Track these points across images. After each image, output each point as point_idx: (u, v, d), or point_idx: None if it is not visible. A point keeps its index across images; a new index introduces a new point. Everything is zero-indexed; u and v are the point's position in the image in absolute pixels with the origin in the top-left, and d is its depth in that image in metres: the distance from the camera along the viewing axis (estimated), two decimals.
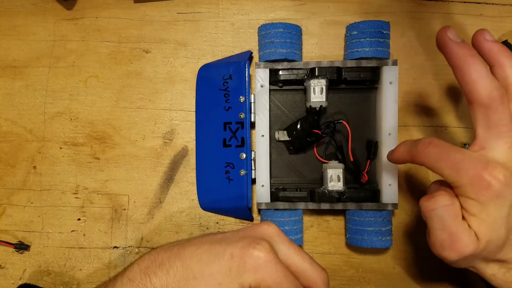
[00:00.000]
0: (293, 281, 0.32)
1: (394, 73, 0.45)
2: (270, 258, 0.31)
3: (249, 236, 0.33)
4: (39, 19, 0.51)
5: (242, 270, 0.31)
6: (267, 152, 0.46)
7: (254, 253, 0.31)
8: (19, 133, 0.51)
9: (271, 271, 0.31)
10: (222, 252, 0.32)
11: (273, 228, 0.34)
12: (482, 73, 0.32)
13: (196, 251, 0.33)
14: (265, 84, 0.46)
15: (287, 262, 0.33)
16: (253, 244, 0.32)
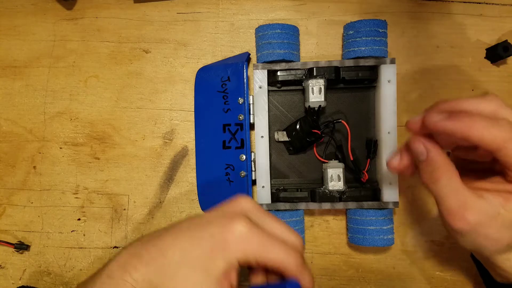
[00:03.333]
0: (277, 241, 0.32)
1: (392, 71, 0.45)
2: (250, 229, 0.31)
3: (226, 213, 0.32)
4: (39, 19, 0.52)
5: (225, 247, 0.31)
6: (267, 153, 0.46)
7: (234, 228, 0.31)
8: (19, 133, 0.51)
9: (254, 240, 0.31)
10: (201, 235, 0.32)
11: (248, 201, 0.34)
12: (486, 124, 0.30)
13: (175, 239, 0.32)
14: (263, 85, 0.46)
15: (267, 231, 0.33)
16: (231, 221, 0.31)
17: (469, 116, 0.30)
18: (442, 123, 0.30)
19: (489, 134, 0.29)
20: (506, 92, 0.49)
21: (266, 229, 0.32)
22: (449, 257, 0.48)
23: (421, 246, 0.48)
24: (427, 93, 0.49)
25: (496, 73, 0.49)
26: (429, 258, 0.48)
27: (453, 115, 0.30)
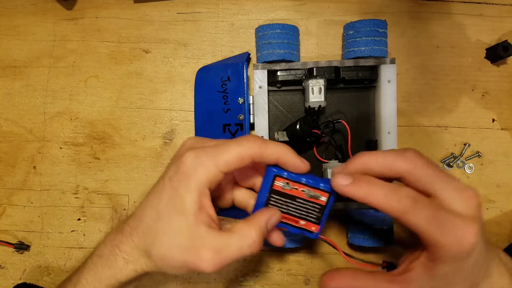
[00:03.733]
0: (227, 142, 0.33)
1: (392, 71, 0.45)
2: (196, 152, 0.32)
3: (175, 157, 0.34)
4: (39, 19, 0.52)
5: (184, 181, 0.32)
6: None
7: (183, 161, 0.32)
8: (19, 133, 0.51)
9: (204, 157, 0.32)
10: (162, 185, 0.33)
11: (191, 138, 0.35)
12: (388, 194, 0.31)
13: (146, 203, 0.34)
14: (263, 85, 0.46)
15: (215, 146, 0.34)
16: (179, 158, 0.33)
17: (368, 183, 0.31)
18: (345, 188, 0.32)
19: (387, 205, 0.31)
20: (506, 92, 0.49)
21: (212, 144, 0.34)
22: None
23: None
24: (427, 93, 0.49)
25: (496, 73, 0.49)
26: None
27: (355, 181, 0.32)
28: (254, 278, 0.49)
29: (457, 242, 0.30)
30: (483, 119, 0.49)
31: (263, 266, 0.49)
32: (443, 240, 0.30)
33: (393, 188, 0.31)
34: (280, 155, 0.33)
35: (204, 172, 0.32)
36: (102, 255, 0.35)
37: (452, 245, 0.30)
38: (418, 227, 0.31)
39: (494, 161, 0.49)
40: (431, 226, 0.30)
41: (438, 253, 0.31)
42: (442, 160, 0.49)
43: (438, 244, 0.30)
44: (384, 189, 0.31)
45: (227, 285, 0.49)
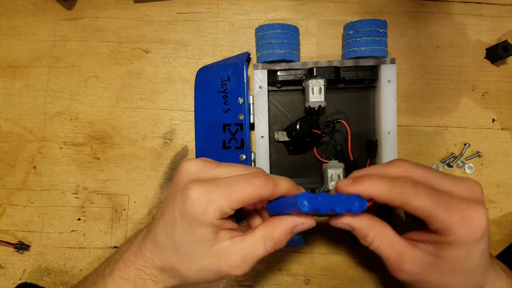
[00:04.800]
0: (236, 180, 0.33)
1: (392, 71, 0.45)
2: (204, 188, 0.32)
3: (178, 187, 0.34)
4: (39, 19, 0.52)
5: (196, 218, 0.32)
6: (267, 153, 0.46)
7: (189, 198, 0.32)
8: (19, 133, 0.51)
9: (214, 194, 0.32)
10: (173, 216, 0.33)
11: (192, 163, 0.35)
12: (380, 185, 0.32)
13: (162, 231, 0.35)
14: (263, 85, 0.46)
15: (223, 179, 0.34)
16: (183, 193, 0.32)
17: (369, 178, 0.33)
18: (348, 187, 0.33)
19: (389, 193, 0.32)
20: (506, 92, 0.49)
21: (221, 176, 0.34)
22: None
23: None
24: (427, 93, 0.49)
25: (496, 73, 0.49)
26: None
27: (356, 179, 0.33)
28: (254, 278, 0.49)
29: (466, 223, 0.30)
30: (483, 119, 0.49)
31: (263, 266, 0.49)
32: (451, 220, 0.30)
33: (392, 178, 0.33)
34: (288, 192, 0.34)
35: (215, 211, 0.32)
36: (128, 278, 0.36)
37: (460, 226, 0.30)
38: (424, 210, 0.31)
39: (494, 161, 0.49)
40: (436, 206, 0.31)
41: (446, 237, 0.31)
42: (442, 160, 0.49)
43: (446, 225, 0.31)
44: (384, 179, 0.32)
45: (227, 285, 0.49)
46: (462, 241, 0.31)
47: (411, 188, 0.31)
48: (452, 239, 0.31)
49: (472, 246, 0.31)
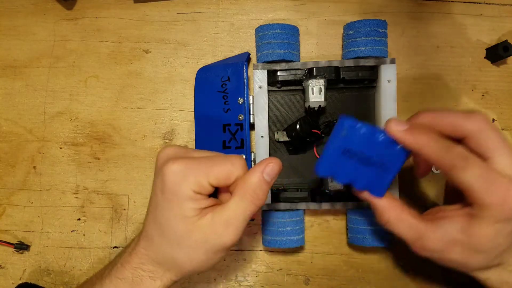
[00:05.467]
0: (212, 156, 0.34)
1: (392, 71, 0.45)
2: (180, 162, 0.33)
3: (157, 170, 0.35)
4: (39, 19, 0.52)
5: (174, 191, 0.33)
6: (267, 153, 0.46)
7: (167, 172, 0.33)
8: (19, 133, 0.51)
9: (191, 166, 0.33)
10: (155, 198, 0.34)
11: (170, 147, 0.36)
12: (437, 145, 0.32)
13: (149, 220, 0.35)
14: (263, 85, 0.46)
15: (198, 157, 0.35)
16: (161, 170, 0.33)
17: (425, 134, 0.32)
18: (401, 134, 0.33)
19: (439, 158, 0.32)
20: (506, 92, 0.49)
21: (203, 156, 0.35)
22: None
23: None
24: (427, 93, 0.49)
25: (496, 73, 0.49)
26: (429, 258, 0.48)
27: (412, 130, 0.33)
28: (254, 278, 0.49)
29: (503, 201, 0.31)
30: None
31: (263, 266, 0.49)
32: (489, 199, 0.31)
33: (447, 143, 0.32)
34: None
35: (193, 183, 0.33)
36: (125, 277, 0.35)
37: (498, 205, 0.31)
38: (466, 184, 0.32)
39: None
40: (479, 184, 0.31)
41: (481, 212, 0.32)
42: None
43: (484, 202, 0.31)
44: (440, 143, 0.32)
45: (227, 285, 0.49)
46: (494, 218, 0.32)
47: (463, 162, 0.31)
48: (485, 214, 0.32)
49: (502, 225, 0.32)
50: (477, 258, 0.34)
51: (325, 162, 0.35)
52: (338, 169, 0.35)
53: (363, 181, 0.35)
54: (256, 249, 0.49)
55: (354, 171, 0.35)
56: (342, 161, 0.35)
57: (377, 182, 0.35)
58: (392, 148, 0.33)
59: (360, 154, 0.34)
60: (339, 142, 0.34)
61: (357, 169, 0.35)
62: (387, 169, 0.34)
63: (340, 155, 0.34)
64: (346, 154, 0.34)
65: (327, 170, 0.35)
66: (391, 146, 0.33)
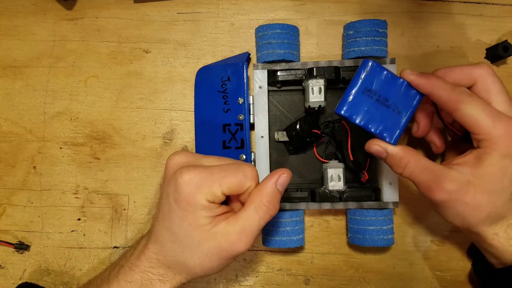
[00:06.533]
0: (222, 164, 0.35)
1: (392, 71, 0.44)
2: (193, 171, 0.34)
3: (172, 176, 0.35)
4: (39, 19, 0.52)
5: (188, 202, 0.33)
6: (267, 153, 0.46)
7: (184, 179, 0.33)
8: (19, 133, 0.51)
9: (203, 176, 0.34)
10: (169, 206, 0.35)
11: (180, 154, 0.36)
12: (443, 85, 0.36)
13: (160, 226, 0.36)
14: (263, 85, 0.46)
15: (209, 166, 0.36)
16: (177, 176, 0.34)
17: (433, 76, 0.36)
18: (413, 77, 0.37)
19: (446, 94, 0.35)
20: None
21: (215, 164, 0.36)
22: (449, 257, 0.48)
23: (421, 246, 0.48)
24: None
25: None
26: (429, 258, 0.48)
27: (424, 74, 0.36)
28: (254, 278, 0.49)
29: (509, 133, 0.34)
30: None
31: (263, 266, 0.49)
32: (495, 130, 0.34)
33: (454, 84, 0.36)
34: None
35: (207, 193, 0.33)
36: (134, 280, 0.36)
37: (502, 137, 0.34)
38: (472, 118, 0.34)
39: None
40: (484, 115, 0.34)
41: (487, 148, 0.34)
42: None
43: (489, 135, 0.34)
44: (448, 84, 0.36)
45: (227, 285, 0.49)
46: (501, 153, 0.34)
47: (468, 97, 0.35)
48: (492, 149, 0.34)
49: (508, 161, 0.34)
50: (487, 202, 0.35)
51: (346, 100, 0.37)
52: (357, 109, 0.37)
53: (378, 123, 0.37)
54: (256, 249, 0.49)
55: (371, 113, 0.37)
56: (361, 101, 0.37)
57: (391, 126, 0.37)
58: (407, 91, 0.37)
59: (379, 94, 0.37)
60: (362, 80, 0.37)
61: (374, 110, 0.37)
62: (401, 112, 0.37)
63: (361, 93, 0.37)
64: (366, 94, 0.37)
65: (348, 108, 0.37)
66: (406, 89, 0.37)
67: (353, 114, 0.37)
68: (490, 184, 0.35)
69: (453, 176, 0.35)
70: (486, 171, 0.34)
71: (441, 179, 0.35)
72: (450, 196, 0.35)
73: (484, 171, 0.34)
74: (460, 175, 0.35)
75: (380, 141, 0.37)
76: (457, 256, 0.48)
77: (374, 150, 0.38)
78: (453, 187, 0.35)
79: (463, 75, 0.37)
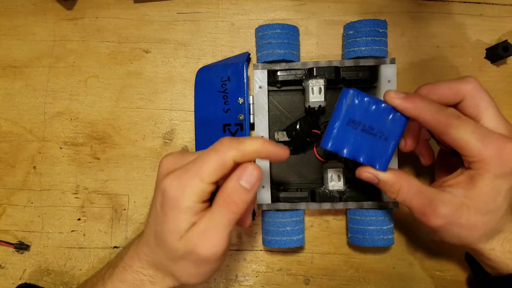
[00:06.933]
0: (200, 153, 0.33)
1: (392, 71, 0.45)
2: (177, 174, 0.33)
3: (158, 183, 0.34)
4: (39, 19, 0.52)
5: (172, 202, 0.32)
6: None
7: (166, 187, 0.32)
8: (19, 133, 0.51)
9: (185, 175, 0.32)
10: (155, 211, 0.34)
11: (167, 157, 0.35)
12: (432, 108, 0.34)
13: (150, 231, 0.35)
14: (263, 85, 0.46)
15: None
16: (161, 184, 0.33)
17: (421, 100, 0.34)
18: (398, 101, 0.35)
19: (433, 118, 0.34)
20: (506, 92, 0.49)
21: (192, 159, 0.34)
22: (449, 257, 0.48)
23: (421, 246, 0.48)
24: None
25: (496, 73, 0.49)
26: (429, 258, 0.48)
27: (409, 97, 0.34)
28: (254, 278, 0.49)
29: (499, 154, 0.33)
30: None
31: (263, 266, 0.49)
32: (485, 151, 0.33)
33: (441, 106, 0.34)
34: (258, 149, 0.32)
35: (191, 193, 0.32)
36: (125, 280, 0.36)
37: (494, 158, 0.33)
38: (462, 141, 0.33)
39: None
40: (474, 138, 0.33)
41: (479, 169, 0.34)
42: None
43: (480, 157, 0.33)
44: (434, 105, 0.34)
45: (227, 285, 0.49)
46: (493, 174, 0.33)
47: (456, 120, 0.33)
48: (484, 170, 0.33)
49: (501, 181, 0.33)
50: (482, 221, 0.35)
51: (331, 134, 0.36)
52: (343, 142, 0.36)
53: (366, 153, 0.36)
54: (256, 249, 0.49)
55: (357, 143, 0.36)
56: (346, 133, 0.36)
57: (379, 154, 0.36)
58: (392, 116, 0.35)
59: (364, 123, 0.36)
60: (345, 112, 0.36)
61: (361, 140, 0.36)
62: (388, 138, 0.36)
63: (345, 125, 0.36)
64: (350, 125, 0.36)
65: (333, 143, 0.36)
66: (391, 114, 0.35)
67: (339, 148, 0.36)
68: (484, 205, 0.34)
69: (447, 200, 0.35)
70: (479, 192, 0.34)
71: (434, 203, 0.35)
72: (445, 220, 0.35)
73: (477, 193, 0.34)
74: (453, 198, 0.35)
75: (370, 168, 0.36)
76: (457, 256, 0.48)
77: (365, 178, 0.37)
78: (447, 211, 0.34)
79: (450, 92, 0.36)
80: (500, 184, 0.34)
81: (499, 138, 0.33)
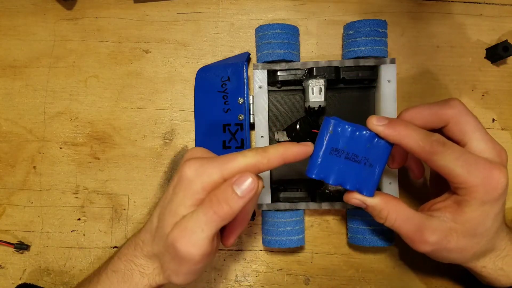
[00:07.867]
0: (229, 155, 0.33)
1: (392, 71, 0.45)
2: (196, 162, 0.33)
3: (178, 169, 0.34)
4: (39, 19, 0.52)
5: (185, 187, 0.33)
6: None
7: (184, 171, 0.33)
8: (19, 133, 0.51)
9: (207, 166, 0.32)
10: (167, 193, 0.35)
11: (194, 150, 0.36)
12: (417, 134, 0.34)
13: (155, 213, 0.35)
14: (263, 85, 0.46)
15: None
16: (181, 169, 0.33)
17: (404, 126, 0.34)
18: (381, 128, 0.34)
19: (418, 146, 0.33)
20: (506, 92, 0.49)
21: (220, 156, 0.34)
22: None
23: None
24: (427, 93, 0.49)
25: (496, 73, 0.49)
26: (429, 258, 0.48)
27: (392, 123, 0.34)
28: (254, 278, 0.49)
29: (486, 181, 0.32)
30: (483, 119, 0.49)
31: (263, 266, 0.49)
32: (471, 179, 0.32)
33: (425, 131, 0.34)
34: (283, 153, 0.33)
35: (205, 179, 0.32)
36: (118, 270, 0.36)
37: (481, 186, 0.32)
38: (447, 169, 0.33)
39: None
40: (459, 165, 0.32)
41: (466, 196, 0.33)
42: None
43: (467, 184, 0.33)
44: (418, 132, 0.33)
45: (227, 285, 0.49)
46: (480, 200, 0.33)
47: (441, 147, 0.33)
48: (471, 197, 0.33)
49: (488, 207, 0.33)
50: (471, 244, 0.34)
51: (315, 163, 0.36)
52: (328, 170, 0.36)
53: (352, 180, 0.36)
54: (256, 249, 0.49)
55: (343, 171, 0.36)
56: (331, 161, 0.35)
57: (366, 180, 0.36)
58: (376, 143, 0.35)
59: (347, 152, 0.35)
60: (327, 141, 0.35)
61: (346, 168, 0.36)
62: (373, 165, 0.35)
63: (328, 155, 0.35)
64: (334, 154, 0.35)
65: (318, 171, 0.36)
66: (375, 141, 0.35)
67: (325, 176, 0.36)
68: (473, 229, 0.34)
69: (435, 226, 0.34)
70: (466, 217, 0.34)
71: (423, 230, 0.34)
72: (434, 247, 0.34)
73: (465, 218, 0.34)
74: (441, 223, 0.34)
75: (358, 194, 0.36)
76: None
77: (353, 203, 0.37)
78: (435, 238, 0.34)
79: (433, 117, 0.35)
80: (488, 209, 0.33)
81: (485, 164, 0.33)
